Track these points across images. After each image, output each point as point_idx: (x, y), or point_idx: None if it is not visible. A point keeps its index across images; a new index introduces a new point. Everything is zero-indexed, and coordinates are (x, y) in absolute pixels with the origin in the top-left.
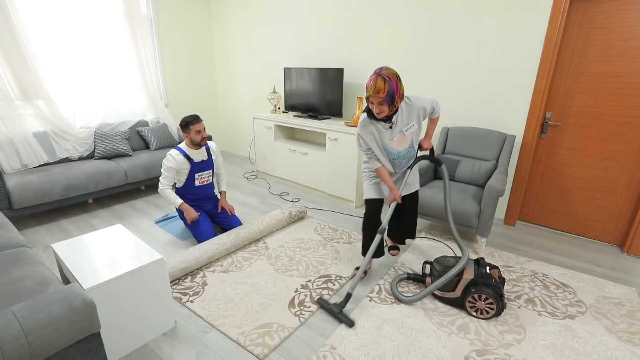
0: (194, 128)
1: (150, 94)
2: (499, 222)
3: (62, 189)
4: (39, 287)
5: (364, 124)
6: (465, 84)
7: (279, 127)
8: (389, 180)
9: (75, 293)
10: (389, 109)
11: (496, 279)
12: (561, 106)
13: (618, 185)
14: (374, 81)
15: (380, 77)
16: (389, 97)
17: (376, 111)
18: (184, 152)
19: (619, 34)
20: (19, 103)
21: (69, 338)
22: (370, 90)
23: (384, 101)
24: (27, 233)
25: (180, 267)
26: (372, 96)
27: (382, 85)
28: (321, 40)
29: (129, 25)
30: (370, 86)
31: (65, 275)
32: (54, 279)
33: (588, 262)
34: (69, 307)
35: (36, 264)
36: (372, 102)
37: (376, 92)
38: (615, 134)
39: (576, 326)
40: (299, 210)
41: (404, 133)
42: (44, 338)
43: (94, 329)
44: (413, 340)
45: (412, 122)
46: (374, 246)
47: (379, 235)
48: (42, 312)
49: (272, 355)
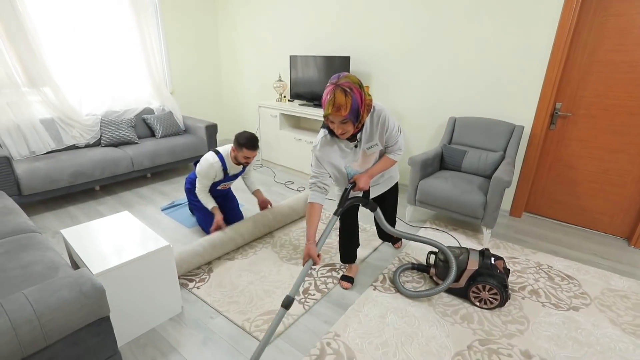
0: (246, 154)
1: (156, 82)
2: (505, 214)
3: (69, 176)
4: (49, 272)
5: (324, 143)
6: (474, 73)
7: (284, 115)
8: (310, 229)
9: (85, 278)
10: (354, 127)
11: (501, 270)
12: (572, 97)
13: (627, 178)
14: (331, 95)
15: (339, 88)
16: (352, 114)
17: (339, 132)
18: (225, 166)
19: (635, 22)
20: (26, 90)
21: (79, 321)
22: (329, 107)
23: (348, 119)
24: (36, 219)
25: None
26: (332, 114)
27: (343, 99)
28: (328, 28)
29: (134, 12)
30: (328, 102)
31: (74, 261)
32: (64, 264)
33: (594, 255)
34: (79, 291)
35: (46, 249)
36: (332, 121)
37: (336, 110)
38: (626, 126)
39: (580, 318)
40: None
41: (366, 152)
42: (55, 321)
43: (103, 313)
44: (416, 329)
45: (374, 141)
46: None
47: (282, 310)
48: (53, 295)
49: (276, 341)
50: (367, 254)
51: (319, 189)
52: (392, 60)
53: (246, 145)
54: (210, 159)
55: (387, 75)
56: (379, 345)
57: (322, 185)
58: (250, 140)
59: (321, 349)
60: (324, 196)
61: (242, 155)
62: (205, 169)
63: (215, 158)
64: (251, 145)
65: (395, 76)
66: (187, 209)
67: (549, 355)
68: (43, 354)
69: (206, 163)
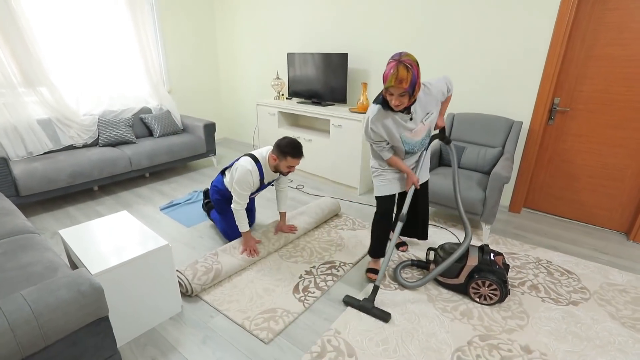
0: (290, 162)
1: (153, 81)
2: (504, 209)
3: (67, 176)
4: (48, 272)
5: (379, 117)
6: (472, 69)
7: (282, 113)
8: (404, 166)
9: (83, 278)
10: (409, 100)
11: (500, 265)
12: (570, 92)
13: (626, 173)
14: (394, 69)
15: (402, 64)
16: (411, 88)
17: (395, 103)
18: (262, 174)
19: (634, 16)
20: (22, 90)
21: (78, 321)
22: (392, 80)
23: (406, 92)
24: (34, 220)
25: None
26: (394, 87)
27: (405, 74)
28: (325, 25)
29: (131, 11)
30: (391, 75)
31: (72, 261)
32: (62, 265)
33: (593, 250)
34: (78, 291)
35: (44, 249)
36: (392, 93)
37: (399, 82)
38: (625, 120)
39: (579, 312)
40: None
41: (424, 122)
42: (54, 321)
43: (102, 313)
44: (417, 325)
45: (431, 110)
46: (395, 237)
47: (400, 223)
48: (51, 296)
49: (277, 339)
50: (365, 253)
51: (388, 148)
52: (388, 57)
53: (292, 154)
54: (247, 166)
55: None
56: (379, 342)
57: (389, 147)
58: (296, 147)
59: (322, 346)
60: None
61: (285, 164)
62: (244, 178)
63: (253, 165)
64: (297, 153)
65: None
66: (185, 208)
67: (549, 350)
68: (42, 354)
69: (243, 171)
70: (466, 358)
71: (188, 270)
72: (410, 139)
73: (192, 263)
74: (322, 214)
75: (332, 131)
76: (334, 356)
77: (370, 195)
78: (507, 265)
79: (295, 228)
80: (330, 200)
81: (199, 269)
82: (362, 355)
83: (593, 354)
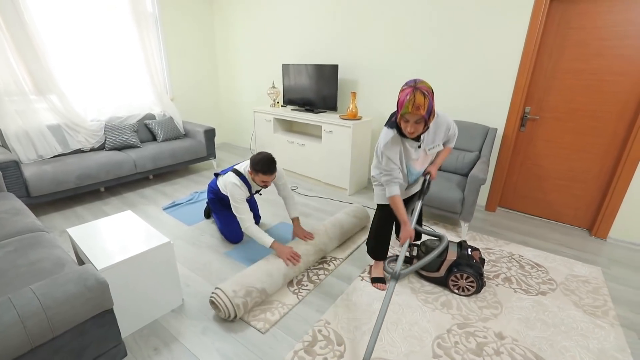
0: (262, 178)
1: (157, 89)
2: (481, 209)
3: (76, 178)
4: (56, 268)
5: (394, 142)
6: (452, 80)
7: (277, 120)
8: (404, 214)
9: (89, 273)
10: (423, 127)
11: (477, 259)
12: (539, 101)
13: (589, 175)
14: (411, 95)
15: (418, 91)
16: (428, 114)
17: (410, 130)
18: (248, 184)
19: (592, 34)
20: (33, 97)
21: (85, 313)
22: (409, 106)
23: (422, 119)
24: (44, 219)
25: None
26: (410, 113)
27: (422, 100)
28: (318, 38)
29: (136, 22)
30: (408, 101)
31: (80, 258)
32: (70, 261)
33: (560, 245)
34: (84, 285)
35: (53, 247)
36: (408, 120)
37: (416, 109)
38: (587, 128)
39: (547, 302)
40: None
41: (427, 152)
42: (61, 314)
43: (107, 306)
44: (401, 315)
45: (437, 142)
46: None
47: (393, 282)
48: (59, 290)
49: (272, 329)
50: (354, 248)
51: (395, 182)
52: (375, 68)
53: (262, 171)
54: (234, 180)
55: (372, 82)
56: (366, 331)
57: (397, 179)
58: (266, 164)
59: (313, 336)
60: (398, 187)
61: (258, 179)
62: (236, 191)
63: (238, 179)
64: (268, 169)
65: (380, 83)
66: (187, 207)
67: (519, 336)
68: (50, 344)
69: (233, 186)
70: (445, 345)
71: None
72: (415, 168)
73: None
74: (349, 226)
75: (324, 136)
76: (324, 345)
77: (360, 195)
78: (483, 260)
79: (312, 235)
80: (355, 206)
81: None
82: (350, 344)
83: (559, 339)
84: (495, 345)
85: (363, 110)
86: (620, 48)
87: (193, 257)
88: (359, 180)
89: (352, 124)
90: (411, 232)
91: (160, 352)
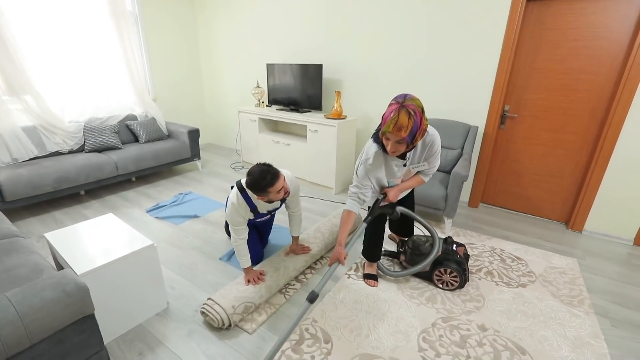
0: (274, 190)
1: (138, 89)
2: (464, 205)
3: (53, 182)
4: (33, 274)
5: (376, 158)
6: (434, 79)
7: (263, 120)
8: (344, 234)
9: (68, 278)
10: (406, 148)
11: (461, 255)
12: (518, 100)
13: (565, 171)
14: (395, 114)
15: (404, 110)
16: (410, 137)
17: (391, 150)
18: (252, 205)
19: (566, 35)
20: (6, 98)
21: (63, 320)
22: (390, 125)
23: (404, 141)
24: (20, 224)
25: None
26: (391, 133)
27: (406, 121)
28: (301, 38)
29: (115, 21)
30: (390, 120)
31: (59, 263)
32: (48, 267)
33: (538, 238)
34: (62, 291)
35: (30, 252)
36: (389, 138)
37: (397, 130)
38: (562, 125)
39: (527, 293)
40: None
41: (411, 169)
42: (39, 320)
43: (87, 311)
44: (387, 311)
45: (422, 162)
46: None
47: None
48: (36, 296)
49: (260, 329)
50: None
51: (358, 200)
52: (359, 68)
53: (269, 185)
54: (232, 199)
55: (356, 81)
56: (353, 328)
57: (362, 197)
58: (254, 185)
59: (300, 335)
60: (360, 207)
61: (273, 195)
62: (231, 213)
63: (239, 198)
64: (257, 190)
65: (363, 82)
66: (171, 209)
67: (501, 327)
68: (27, 353)
69: (229, 206)
70: (430, 338)
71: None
72: (394, 183)
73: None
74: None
75: (309, 136)
76: (312, 343)
77: (346, 194)
78: (467, 255)
79: (309, 248)
80: None
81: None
82: (337, 341)
83: (538, 329)
84: (478, 337)
85: (348, 110)
86: (592, 49)
87: (178, 259)
88: (345, 179)
89: (337, 123)
90: (340, 254)
91: (145, 357)
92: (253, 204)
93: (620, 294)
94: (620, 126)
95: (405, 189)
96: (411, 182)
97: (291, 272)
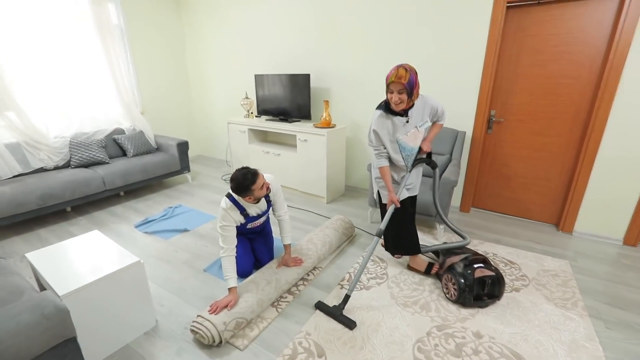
0: (256, 187)
1: (125, 102)
2: (455, 210)
3: (37, 199)
4: (12, 297)
5: (381, 119)
6: (421, 86)
7: (252, 130)
8: (389, 183)
9: (48, 300)
10: (407, 100)
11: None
12: (503, 104)
13: (552, 173)
14: (395, 70)
15: (401, 67)
16: (409, 86)
17: (395, 100)
18: (241, 207)
19: (547, 41)
20: None
21: (42, 345)
22: (392, 76)
23: (404, 89)
24: (3, 244)
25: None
26: (394, 82)
27: (404, 73)
28: (288, 48)
29: (100, 34)
30: (392, 74)
31: (41, 284)
32: (29, 288)
33: (530, 241)
34: (41, 314)
35: (10, 274)
36: (392, 90)
37: (398, 78)
38: (546, 128)
39: (521, 297)
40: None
41: (418, 129)
42: (15, 346)
43: (68, 335)
44: (381, 321)
45: (425, 119)
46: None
47: (376, 238)
48: (12, 321)
49: (251, 345)
50: (333, 257)
51: (384, 156)
52: (347, 76)
53: (251, 183)
54: (222, 204)
55: (344, 90)
56: (347, 341)
57: (386, 154)
58: (244, 176)
59: (293, 349)
60: (387, 162)
61: (257, 192)
62: (221, 218)
63: (228, 202)
64: (252, 177)
65: (351, 91)
66: (161, 224)
67: (496, 334)
68: None
69: (220, 211)
70: (425, 348)
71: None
72: (406, 143)
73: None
74: (337, 243)
75: (299, 145)
76: (305, 357)
77: (337, 203)
78: (483, 281)
79: (301, 260)
80: (342, 220)
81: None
82: (331, 354)
83: (533, 333)
84: (473, 345)
85: (337, 118)
86: (572, 53)
87: (167, 275)
88: (336, 188)
89: (326, 132)
90: (394, 198)
91: None
92: (242, 206)
93: (612, 295)
94: (603, 128)
95: (432, 138)
96: (435, 131)
97: (283, 285)
